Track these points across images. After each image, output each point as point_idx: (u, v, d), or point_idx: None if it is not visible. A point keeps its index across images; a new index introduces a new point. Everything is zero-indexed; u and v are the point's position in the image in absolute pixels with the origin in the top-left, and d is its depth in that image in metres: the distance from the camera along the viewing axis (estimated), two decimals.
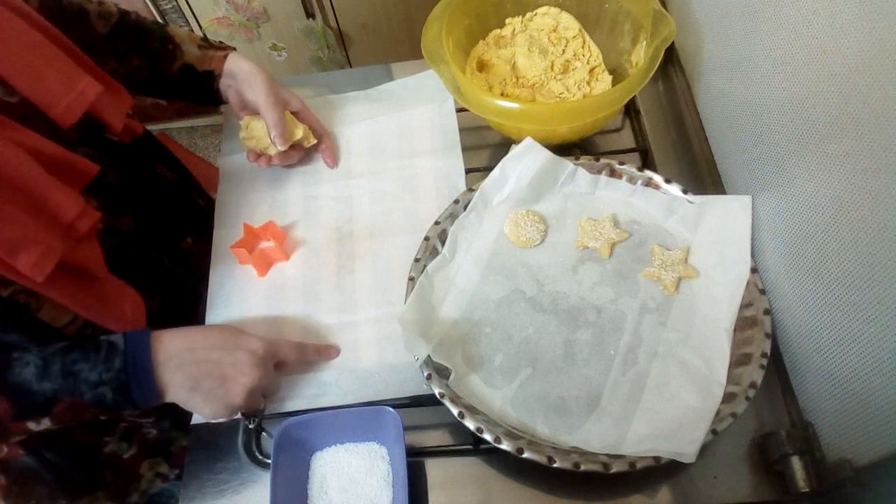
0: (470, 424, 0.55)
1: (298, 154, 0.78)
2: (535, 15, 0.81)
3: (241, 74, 0.72)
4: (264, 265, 0.72)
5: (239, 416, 0.60)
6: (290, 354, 0.62)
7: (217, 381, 0.56)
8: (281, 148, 0.73)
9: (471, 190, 0.70)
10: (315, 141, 0.78)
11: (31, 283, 0.50)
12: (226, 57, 0.73)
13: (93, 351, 0.53)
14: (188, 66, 0.72)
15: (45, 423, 0.53)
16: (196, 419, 0.63)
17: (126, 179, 0.66)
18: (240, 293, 0.71)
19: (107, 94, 0.60)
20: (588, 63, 0.79)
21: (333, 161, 0.79)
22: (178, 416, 0.63)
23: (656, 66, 0.65)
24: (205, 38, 0.74)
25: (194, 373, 0.55)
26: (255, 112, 0.74)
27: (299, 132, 0.75)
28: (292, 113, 0.75)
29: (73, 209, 0.53)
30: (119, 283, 0.61)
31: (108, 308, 0.58)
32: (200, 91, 0.74)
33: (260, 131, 0.73)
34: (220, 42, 0.76)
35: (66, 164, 0.54)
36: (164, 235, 0.72)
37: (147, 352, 0.54)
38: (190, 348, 0.56)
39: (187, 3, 1.56)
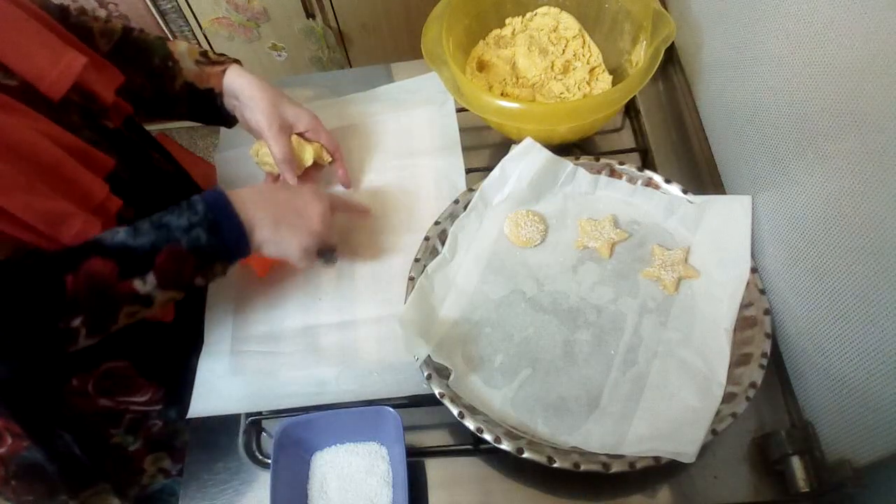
0: (470, 424, 0.55)
1: (317, 174, 0.77)
2: (535, 15, 0.82)
3: (243, 96, 0.69)
4: (264, 264, 0.72)
5: (317, 258, 0.65)
6: (336, 200, 0.66)
7: (294, 213, 0.60)
8: (291, 181, 0.71)
9: (471, 190, 0.70)
10: (330, 159, 0.75)
11: None
12: (223, 72, 0.70)
13: (175, 207, 0.56)
14: (189, 85, 0.70)
15: (151, 282, 0.53)
16: (193, 411, 0.63)
17: (128, 169, 0.66)
18: (240, 292, 0.71)
19: (94, 67, 0.60)
20: (588, 63, 0.79)
21: (348, 180, 0.76)
22: (184, 405, 0.63)
23: (656, 66, 0.65)
24: (203, 53, 0.71)
25: (272, 210, 0.59)
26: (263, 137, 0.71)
27: (309, 158, 0.72)
28: (300, 134, 0.72)
29: (102, 191, 0.55)
30: None
31: None
32: (207, 111, 0.72)
33: (271, 157, 0.70)
34: (221, 55, 0.72)
35: (87, 155, 0.56)
36: None
37: (223, 196, 0.57)
38: (259, 192, 0.60)
39: (187, 3, 1.56)
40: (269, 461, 0.60)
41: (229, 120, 0.74)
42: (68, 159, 0.53)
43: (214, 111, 0.72)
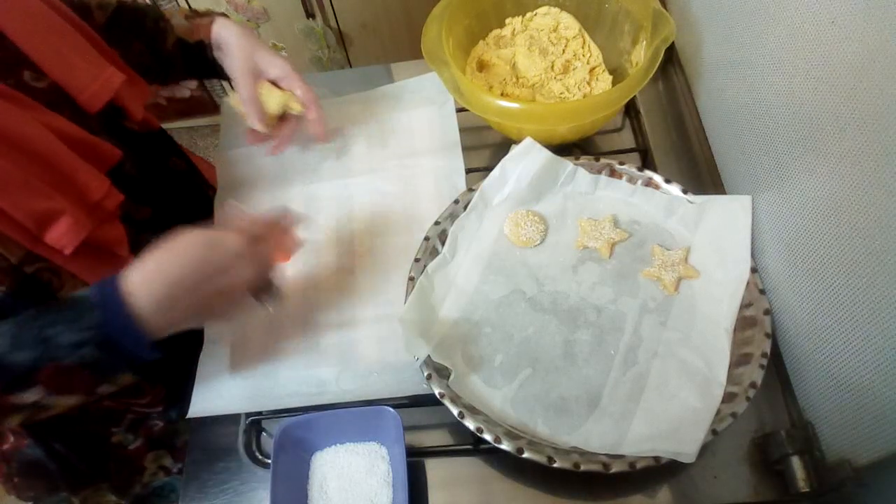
0: (470, 424, 0.55)
1: (290, 126, 0.74)
2: (535, 15, 0.82)
3: (224, 45, 0.69)
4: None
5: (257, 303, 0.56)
6: (255, 228, 0.55)
7: (219, 298, 0.52)
8: (256, 126, 0.69)
9: (471, 190, 0.70)
10: (300, 109, 0.71)
11: (58, 257, 0.52)
12: (211, 23, 0.70)
13: (67, 310, 0.49)
14: (180, 41, 0.70)
15: (37, 394, 0.49)
16: (193, 411, 0.63)
17: (143, 169, 0.66)
18: None
19: (128, 84, 0.62)
20: (588, 63, 0.79)
21: (322, 132, 0.73)
22: (185, 406, 0.63)
23: (656, 66, 0.65)
24: (192, 10, 0.72)
25: (193, 305, 0.50)
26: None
27: (274, 105, 0.69)
28: (273, 82, 0.70)
29: (100, 188, 0.55)
30: None
31: None
32: (201, 65, 0.72)
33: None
34: (208, 10, 0.73)
35: (90, 147, 0.56)
36: (179, 226, 0.72)
37: (122, 303, 0.47)
38: (171, 284, 0.49)
39: (187, 3, 1.56)
40: (269, 461, 0.60)
41: (223, 73, 0.73)
42: (69, 154, 0.53)
43: (207, 64, 0.72)
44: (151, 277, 0.49)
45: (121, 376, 0.52)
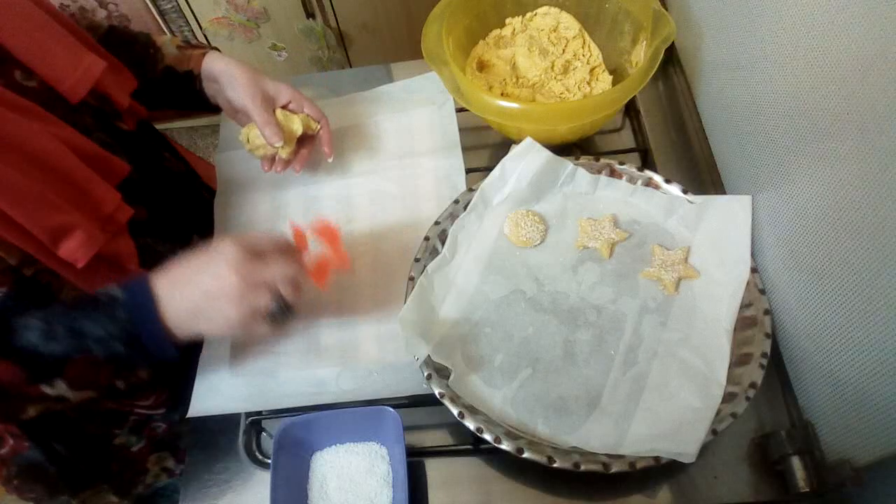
0: (470, 424, 0.55)
1: (309, 148, 0.76)
2: (535, 15, 0.82)
3: (222, 77, 0.69)
4: (322, 275, 0.62)
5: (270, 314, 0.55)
6: (262, 242, 0.56)
7: (206, 298, 0.52)
8: (278, 144, 0.69)
9: (471, 190, 0.70)
10: (318, 127, 0.74)
11: (69, 271, 0.52)
12: (203, 55, 0.70)
13: (94, 306, 0.52)
14: (169, 69, 0.71)
15: (61, 388, 0.52)
16: (193, 411, 0.63)
17: (138, 169, 0.66)
18: None
19: (111, 72, 0.61)
20: (588, 63, 0.79)
21: (330, 149, 0.74)
22: (188, 408, 0.63)
23: (656, 66, 0.65)
24: (185, 40, 0.73)
25: (186, 302, 0.52)
26: (247, 115, 0.71)
27: (298, 127, 0.71)
28: (284, 107, 0.71)
29: (112, 202, 0.55)
30: None
31: None
32: (186, 95, 0.73)
33: (262, 138, 0.70)
34: (201, 42, 0.73)
35: (102, 161, 0.56)
36: (176, 229, 0.72)
37: (150, 298, 0.51)
38: (173, 281, 0.53)
39: (187, 3, 1.56)
40: (269, 461, 0.60)
41: (207, 104, 0.74)
42: (83, 168, 0.53)
43: (194, 95, 0.72)
44: (163, 275, 0.53)
45: (139, 373, 0.56)
